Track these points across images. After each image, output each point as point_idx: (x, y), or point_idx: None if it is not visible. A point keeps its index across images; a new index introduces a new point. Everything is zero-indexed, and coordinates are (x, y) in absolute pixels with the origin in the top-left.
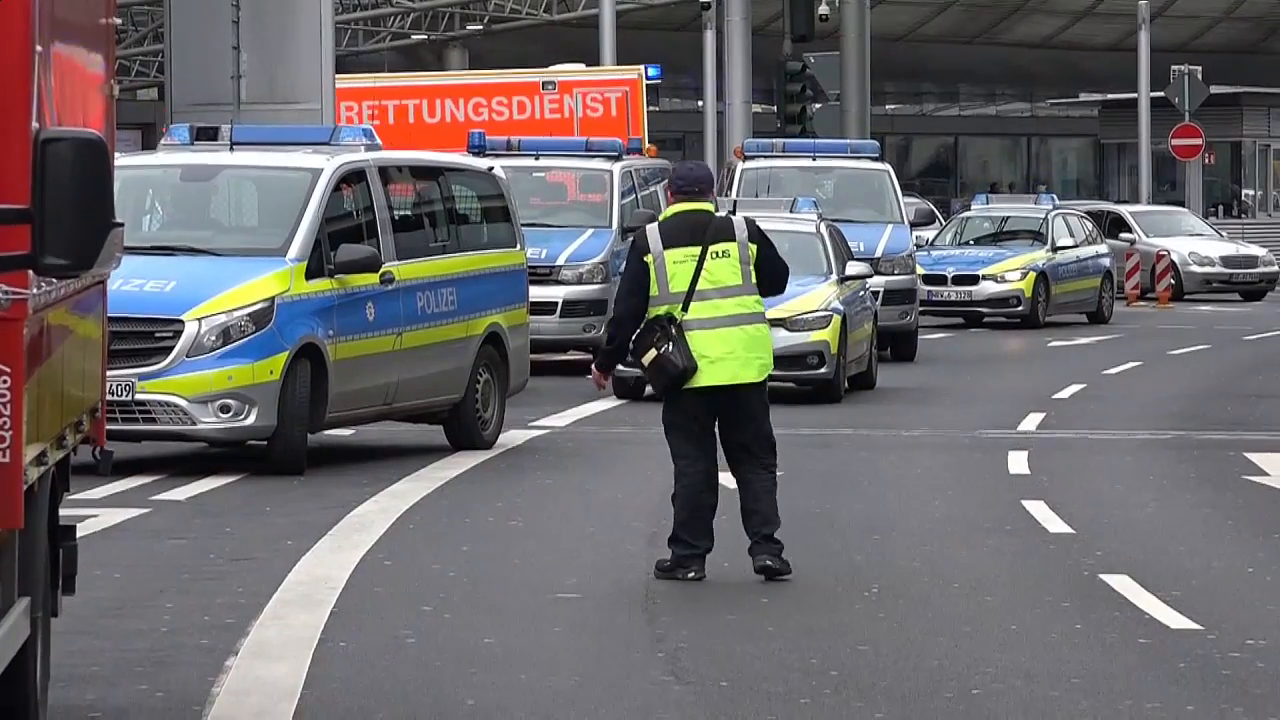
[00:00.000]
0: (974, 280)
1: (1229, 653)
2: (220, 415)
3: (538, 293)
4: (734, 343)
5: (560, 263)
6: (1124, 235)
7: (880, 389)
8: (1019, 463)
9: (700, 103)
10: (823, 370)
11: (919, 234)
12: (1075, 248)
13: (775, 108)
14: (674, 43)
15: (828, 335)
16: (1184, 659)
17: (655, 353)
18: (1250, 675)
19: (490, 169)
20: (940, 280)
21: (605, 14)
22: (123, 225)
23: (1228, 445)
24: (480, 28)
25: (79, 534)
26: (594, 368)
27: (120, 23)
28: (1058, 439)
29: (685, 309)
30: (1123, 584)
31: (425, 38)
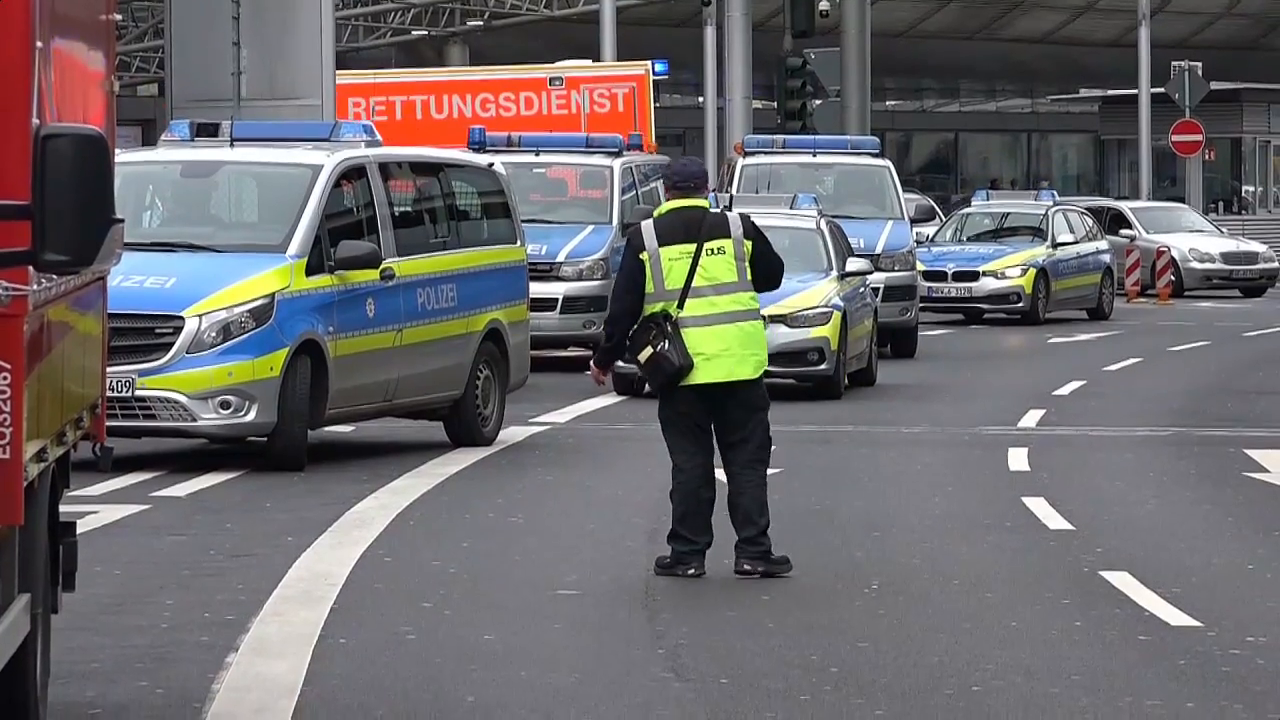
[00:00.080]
0: (974, 276)
1: (1229, 649)
2: (220, 411)
3: (538, 289)
4: (729, 339)
5: (560, 259)
6: (1124, 231)
7: (880, 385)
8: (1019, 459)
9: (701, 98)
10: (823, 366)
11: (919, 230)
12: (1075, 244)
13: (775, 104)
14: (674, 38)
15: (828, 331)
16: (1184, 656)
17: (651, 350)
18: (1250, 672)
19: (490, 165)
20: (940, 276)
21: (606, 10)
22: (123, 221)
23: (1228, 442)
24: (481, 23)
25: (79, 530)
26: (593, 364)
27: (121, 18)
28: (1058, 435)
29: (681, 306)
30: (1123, 581)
31: (426, 34)
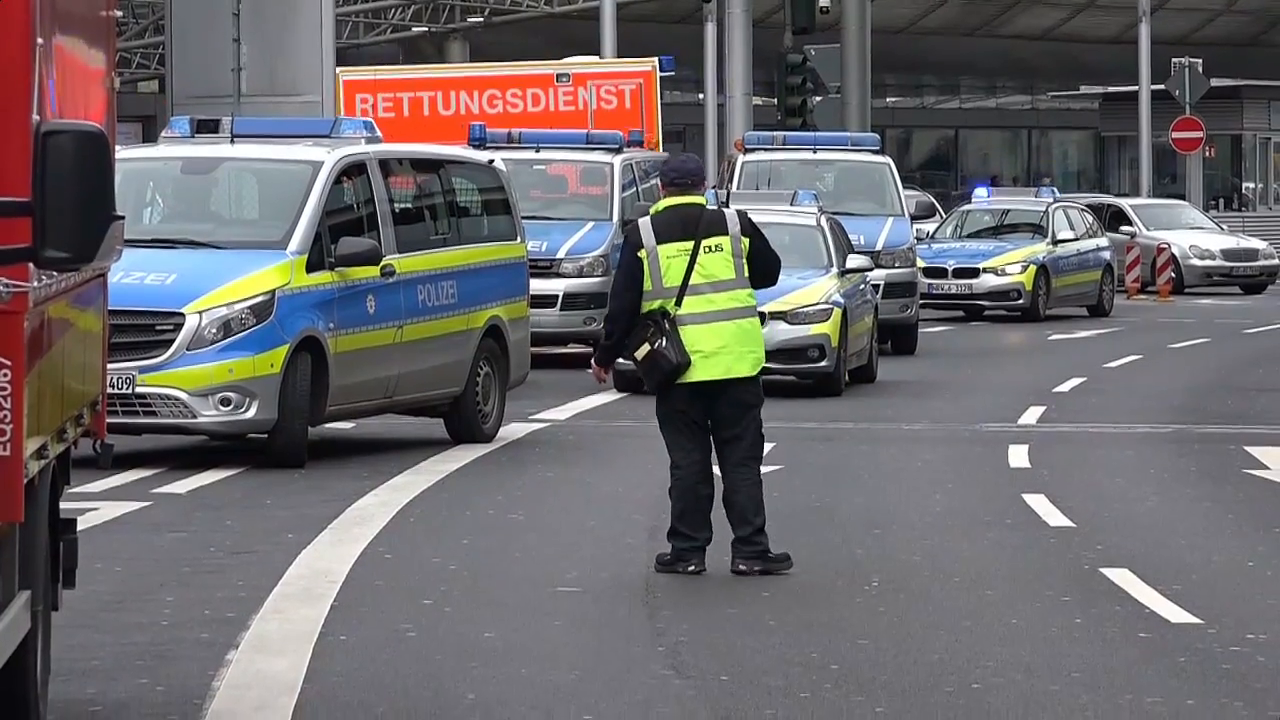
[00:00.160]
0: (974, 273)
1: (1229, 647)
2: (221, 408)
3: (538, 286)
4: (727, 337)
5: (561, 256)
6: (1124, 228)
7: (881, 382)
8: (1019, 456)
9: (701, 95)
10: (823, 363)
11: (919, 227)
12: (1076, 241)
13: (776, 100)
14: (675, 35)
15: (828, 328)
16: (1184, 653)
17: (649, 348)
18: (1251, 669)
19: (491, 162)
20: (941, 273)
21: (606, 6)
22: (123, 218)
23: (1228, 439)
24: (481, 20)
25: (80, 527)
26: (593, 362)
27: (121, 15)
28: (1058, 432)
29: (679, 303)
30: (1123, 578)
31: (426, 30)
